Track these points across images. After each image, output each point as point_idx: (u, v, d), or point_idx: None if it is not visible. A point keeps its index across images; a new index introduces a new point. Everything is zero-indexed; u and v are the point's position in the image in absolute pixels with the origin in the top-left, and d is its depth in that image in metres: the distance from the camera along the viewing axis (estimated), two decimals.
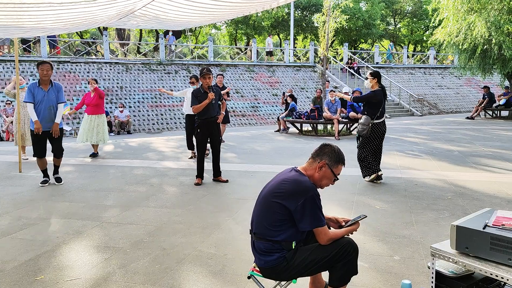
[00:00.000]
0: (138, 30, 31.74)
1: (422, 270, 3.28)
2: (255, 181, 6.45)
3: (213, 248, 3.78)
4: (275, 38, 34.11)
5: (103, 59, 19.25)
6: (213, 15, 7.20)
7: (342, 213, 4.67)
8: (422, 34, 34.19)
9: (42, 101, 6.11)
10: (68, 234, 4.16)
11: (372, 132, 6.12)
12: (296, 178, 2.53)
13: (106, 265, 3.42)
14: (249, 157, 8.74)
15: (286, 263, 2.49)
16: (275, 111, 19.24)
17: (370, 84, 6.17)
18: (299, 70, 23.09)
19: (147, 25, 8.36)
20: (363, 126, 6.10)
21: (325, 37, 13.49)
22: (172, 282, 3.12)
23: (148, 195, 5.71)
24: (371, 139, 6.17)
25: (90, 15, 5.51)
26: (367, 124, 6.07)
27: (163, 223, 4.50)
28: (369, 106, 6.16)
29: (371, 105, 6.13)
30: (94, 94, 8.88)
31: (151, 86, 18.34)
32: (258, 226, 2.58)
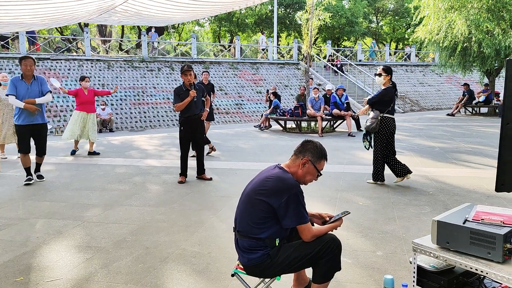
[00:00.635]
0: (120, 26, 31.31)
1: (404, 265, 3.32)
2: (239, 178, 6.44)
3: (197, 247, 3.75)
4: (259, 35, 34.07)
5: (84, 56, 18.93)
6: (196, 12, 7.15)
7: (326, 210, 4.68)
8: (404, 32, 34.62)
9: (25, 95, 5.99)
10: (48, 234, 4.08)
11: (381, 127, 5.80)
12: (280, 175, 2.53)
13: (87, 265, 3.37)
14: (233, 154, 8.71)
15: (270, 260, 2.49)
16: (259, 108, 19.24)
17: (383, 81, 5.81)
18: (282, 67, 23.13)
19: (129, 21, 8.25)
20: (372, 120, 5.79)
21: (309, 35, 13.54)
22: (155, 281, 3.09)
23: (131, 193, 5.64)
24: (381, 135, 5.83)
25: (69, 11, 5.40)
26: (375, 117, 5.76)
27: (146, 221, 4.46)
28: (379, 103, 5.87)
29: (382, 102, 5.85)
30: (89, 91, 8.79)
31: (133, 84, 18.12)
32: (241, 224, 2.57)
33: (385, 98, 5.82)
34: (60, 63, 17.63)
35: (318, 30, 14.38)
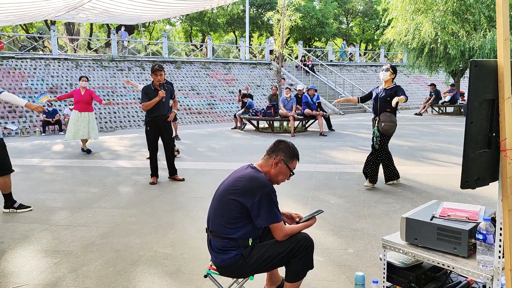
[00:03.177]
0: (88, 25, 30.56)
1: (375, 262, 3.39)
2: (211, 179, 6.41)
3: (169, 248, 3.71)
4: (231, 35, 33.98)
5: (51, 55, 18.35)
6: (166, 10, 7.06)
7: (298, 208, 4.73)
8: (373, 33, 35.38)
9: None
10: (13, 239, 3.93)
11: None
12: (252, 175, 2.53)
13: (55, 270, 3.27)
14: (205, 155, 8.66)
15: (243, 260, 2.48)
16: (232, 108, 19.20)
17: (388, 77, 5.59)
18: (255, 67, 23.16)
19: (98, 19, 8.06)
20: (391, 124, 5.53)
21: (280, 35, 13.61)
22: (126, 285, 3.03)
23: (100, 195, 5.51)
24: (389, 137, 5.71)
25: (35, 7, 5.23)
26: (394, 122, 5.57)
27: (117, 224, 4.37)
28: (390, 103, 5.55)
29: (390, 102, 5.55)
30: (85, 91, 8.65)
31: (103, 83, 17.72)
32: (214, 224, 2.56)
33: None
34: (25, 62, 17.03)
35: (289, 30, 14.47)
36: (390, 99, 5.52)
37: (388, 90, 5.66)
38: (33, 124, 14.94)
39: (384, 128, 5.56)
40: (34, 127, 14.80)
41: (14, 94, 4.90)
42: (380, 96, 5.67)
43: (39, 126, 14.83)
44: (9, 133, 14.22)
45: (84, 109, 8.65)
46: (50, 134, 14.45)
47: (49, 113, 14.92)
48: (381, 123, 5.56)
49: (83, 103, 8.62)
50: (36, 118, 15.11)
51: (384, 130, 5.57)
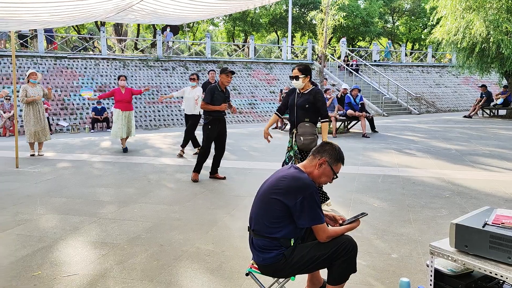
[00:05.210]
0: (135, 26, 31.59)
1: (420, 268, 3.28)
2: (252, 178, 6.44)
3: (210, 245, 3.76)
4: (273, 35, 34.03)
5: (100, 55, 19.15)
6: (211, 10, 7.17)
7: (340, 211, 4.66)
8: (420, 32, 34.21)
9: None
10: (65, 230, 4.13)
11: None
12: (295, 175, 2.52)
13: (103, 261, 3.41)
14: (246, 154, 8.72)
15: (284, 260, 2.48)
16: (272, 108, 19.22)
17: (301, 84, 4.55)
18: None
19: (145, 19, 8.31)
20: (311, 137, 4.52)
21: (323, 35, 13.46)
22: (169, 279, 3.11)
23: (145, 191, 5.69)
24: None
25: (87, 9, 5.46)
26: (316, 133, 4.58)
27: (161, 219, 4.48)
28: (314, 109, 4.58)
29: (315, 108, 4.59)
30: (126, 90, 8.86)
31: (148, 83, 18.26)
32: (256, 223, 2.57)
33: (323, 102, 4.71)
34: (77, 61, 17.87)
35: (332, 30, 14.30)
36: (310, 106, 4.52)
37: (306, 95, 4.58)
38: (83, 121, 15.64)
39: (304, 142, 4.52)
40: (83, 124, 15.49)
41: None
42: (297, 103, 4.57)
43: (88, 123, 15.51)
44: (61, 130, 14.97)
45: (126, 108, 8.85)
46: (98, 131, 15.07)
47: (97, 111, 15.56)
48: (299, 136, 4.54)
49: (125, 102, 8.82)
50: (86, 115, 15.80)
51: (303, 146, 4.53)
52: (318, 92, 4.58)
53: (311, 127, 4.54)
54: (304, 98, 4.55)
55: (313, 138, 4.52)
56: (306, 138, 4.51)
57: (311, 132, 4.52)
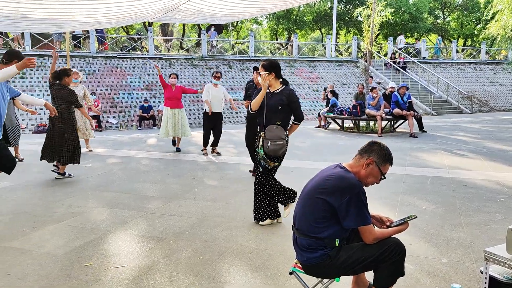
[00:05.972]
0: (181, 25, 32.30)
1: (473, 275, 3.12)
2: (295, 177, 6.40)
3: (253, 243, 3.78)
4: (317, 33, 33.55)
5: (147, 54, 19.75)
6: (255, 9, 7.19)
7: (386, 212, 4.53)
8: (473, 27, 32.60)
9: None
10: (114, 223, 4.30)
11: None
12: (341, 175, 2.48)
13: (150, 255, 3.51)
14: (289, 153, 8.63)
15: (329, 261, 2.44)
16: (316, 107, 19.02)
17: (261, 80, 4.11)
18: (341, 65, 22.69)
19: (191, 19, 8.48)
20: (279, 142, 4.01)
21: (369, 32, 13.15)
22: (213, 274, 3.15)
23: (190, 187, 5.80)
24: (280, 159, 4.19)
25: (137, 9, 5.64)
26: (285, 138, 4.08)
27: (205, 215, 4.56)
28: (286, 111, 4.12)
29: (288, 110, 4.14)
30: (176, 88, 8.90)
31: (193, 81, 18.63)
32: (301, 222, 2.54)
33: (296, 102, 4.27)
34: (126, 61, 18.53)
35: (379, 26, 13.93)
36: (283, 107, 4.07)
37: (277, 95, 4.10)
38: (131, 119, 16.21)
39: (270, 148, 4.02)
40: (131, 122, 16.05)
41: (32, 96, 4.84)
42: (268, 104, 4.09)
43: (136, 120, 16.05)
44: (110, 127, 15.59)
45: (175, 106, 8.89)
46: (145, 128, 15.57)
47: (144, 109, 16.07)
48: (267, 140, 4.03)
49: (174, 99, 8.87)
50: (134, 113, 16.37)
51: (271, 151, 4.04)
52: (292, 92, 4.15)
53: (281, 130, 4.03)
54: (276, 98, 4.05)
55: (282, 144, 4.01)
56: (274, 143, 3.99)
57: (280, 137, 4.00)
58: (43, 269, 3.22)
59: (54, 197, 5.32)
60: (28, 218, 4.47)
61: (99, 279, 3.06)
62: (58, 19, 5.60)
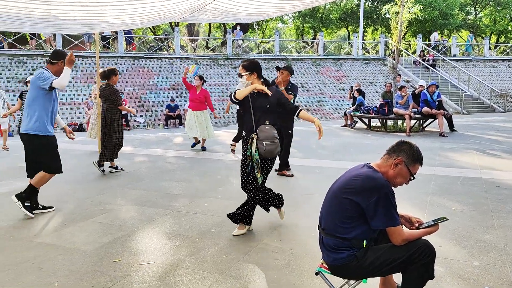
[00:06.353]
0: (207, 25, 32.56)
1: (506, 279, 3.01)
2: (321, 176, 6.34)
3: (278, 242, 3.76)
4: (343, 31, 33.15)
5: (174, 54, 20.01)
6: (281, 8, 7.15)
7: (415, 213, 4.40)
8: (507, 23, 31.47)
9: None
10: (142, 221, 4.37)
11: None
12: (369, 174, 2.43)
13: (176, 252, 3.55)
14: (315, 152, 8.61)
15: (356, 262, 2.41)
16: (342, 105, 18.80)
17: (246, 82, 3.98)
18: (368, 63, 22.34)
19: (217, 19, 8.52)
20: (275, 141, 3.80)
21: (398, 29, 12.89)
22: (239, 273, 3.15)
23: (215, 186, 5.84)
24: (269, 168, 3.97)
25: (164, 9, 5.71)
26: (277, 137, 3.88)
27: None
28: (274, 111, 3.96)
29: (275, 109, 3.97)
30: (201, 91, 8.93)
31: (218, 81, 18.75)
32: (327, 222, 2.52)
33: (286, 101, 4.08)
34: (153, 61, 18.83)
35: (408, 23, 13.64)
36: (271, 106, 3.90)
37: (263, 95, 3.94)
38: (158, 118, 16.45)
39: (267, 149, 3.75)
40: (158, 121, 16.30)
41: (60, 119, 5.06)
42: (254, 105, 3.91)
43: (162, 119, 16.29)
44: (138, 126, 15.88)
45: (197, 108, 8.90)
46: (171, 127, 15.77)
47: (171, 108, 16.28)
48: (262, 142, 3.77)
49: (196, 101, 8.89)
50: (160, 112, 16.61)
51: (267, 153, 3.77)
52: (277, 89, 4.06)
53: (272, 129, 3.85)
54: (262, 98, 3.89)
55: (277, 143, 3.81)
56: (269, 143, 3.75)
57: (274, 136, 3.81)
58: (73, 265, 3.30)
59: (84, 194, 5.46)
60: (59, 215, 4.60)
61: (127, 275, 3.11)
62: (89, 21, 5.74)
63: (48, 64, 4.60)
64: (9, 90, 15.34)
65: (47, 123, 4.48)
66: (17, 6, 4.64)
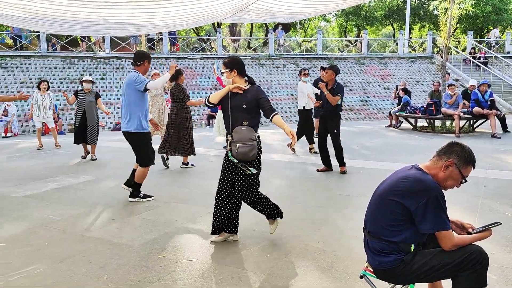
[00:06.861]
0: (248, 25, 32.77)
1: None
2: (364, 178, 6.20)
3: (321, 243, 3.71)
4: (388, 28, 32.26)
5: (216, 54, 20.28)
6: (325, 6, 7.07)
7: (465, 218, 4.21)
8: None
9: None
10: (185, 218, 4.46)
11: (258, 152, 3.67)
12: (418, 176, 2.35)
13: (218, 250, 3.59)
14: (358, 153, 8.44)
15: (403, 266, 2.33)
16: (386, 105, 18.31)
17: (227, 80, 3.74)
18: (414, 61, 21.63)
19: (259, 18, 8.55)
20: (248, 143, 3.54)
21: (447, 25, 12.38)
22: (281, 273, 3.14)
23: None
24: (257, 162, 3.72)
25: (208, 11, 5.80)
26: (254, 139, 3.59)
27: None
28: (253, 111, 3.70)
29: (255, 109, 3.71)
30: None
31: (259, 80, 18.80)
32: (373, 225, 2.46)
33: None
34: (195, 61, 19.19)
35: (457, 20, 13.07)
36: (248, 106, 3.63)
37: (244, 94, 3.69)
38: (200, 117, 16.74)
39: (239, 151, 3.54)
40: (200, 120, 16.58)
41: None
42: (231, 104, 3.68)
43: (204, 119, 16.56)
44: None
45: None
46: (213, 126, 15.97)
47: (213, 108, 16.51)
48: (235, 143, 3.57)
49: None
50: (203, 112, 16.90)
51: (240, 155, 3.55)
52: (259, 88, 3.76)
53: (249, 131, 3.59)
54: (239, 97, 3.67)
55: (252, 145, 3.53)
56: (242, 145, 3.52)
57: (248, 138, 3.55)
58: (121, 259, 3.42)
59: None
60: (107, 211, 4.79)
61: (172, 271, 3.19)
62: (136, 23, 5.94)
63: (135, 67, 5.00)
64: (61, 90, 16.16)
65: (143, 121, 4.94)
66: (71, 10, 4.88)
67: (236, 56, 3.86)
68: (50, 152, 9.06)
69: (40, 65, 17.24)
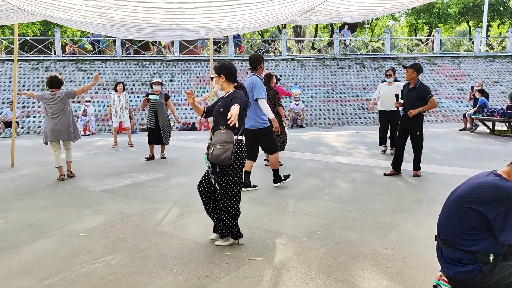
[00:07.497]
0: (313, 26, 32.51)
1: None
2: (434, 183, 5.90)
3: (389, 250, 3.60)
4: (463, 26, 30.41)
5: (280, 56, 20.36)
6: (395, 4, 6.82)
7: None
8: None
9: None
10: (251, 218, 4.53)
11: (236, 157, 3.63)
12: (497, 183, 2.21)
13: (284, 251, 3.61)
14: (429, 157, 8.04)
15: (481, 277, 2.21)
16: (460, 107, 17.27)
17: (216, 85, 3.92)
18: (492, 61, 20.18)
19: (326, 19, 8.45)
20: (222, 145, 3.51)
21: None
22: (347, 277, 3.09)
23: (320, 188, 5.80)
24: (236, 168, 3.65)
25: (275, 13, 5.85)
26: (229, 142, 3.54)
27: (336, 217, 4.50)
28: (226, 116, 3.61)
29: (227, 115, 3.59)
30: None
31: (324, 82, 18.59)
32: (447, 233, 2.35)
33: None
34: None
35: None
36: (224, 110, 3.61)
37: (226, 98, 3.73)
38: None
39: (214, 153, 3.49)
40: None
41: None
42: (215, 109, 3.78)
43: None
44: None
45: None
46: None
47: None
48: (212, 147, 3.54)
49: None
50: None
51: (213, 157, 3.49)
52: (236, 91, 3.74)
53: (227, 134, 3.55)
54: (222, 102, 3.72)
55: (225, 148, 3.48)
56: (216, 147, 3.50)
57: (223, 140, 3.51)
58: (190, 254, 3.56)
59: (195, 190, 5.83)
60: (177, 207, 5.00)
61: (238, 268, 3.26)
62: (206, 27, 6.14)
63: (253, 71, 5.77)
64: (134, 92, 17.12)
65: (260, 117, 5.67)
66: (147, 17, 5.16)
67: (226, 62, 3.84)
68: (124, 150, 9.63)
69: (115, 68, 18.41)
